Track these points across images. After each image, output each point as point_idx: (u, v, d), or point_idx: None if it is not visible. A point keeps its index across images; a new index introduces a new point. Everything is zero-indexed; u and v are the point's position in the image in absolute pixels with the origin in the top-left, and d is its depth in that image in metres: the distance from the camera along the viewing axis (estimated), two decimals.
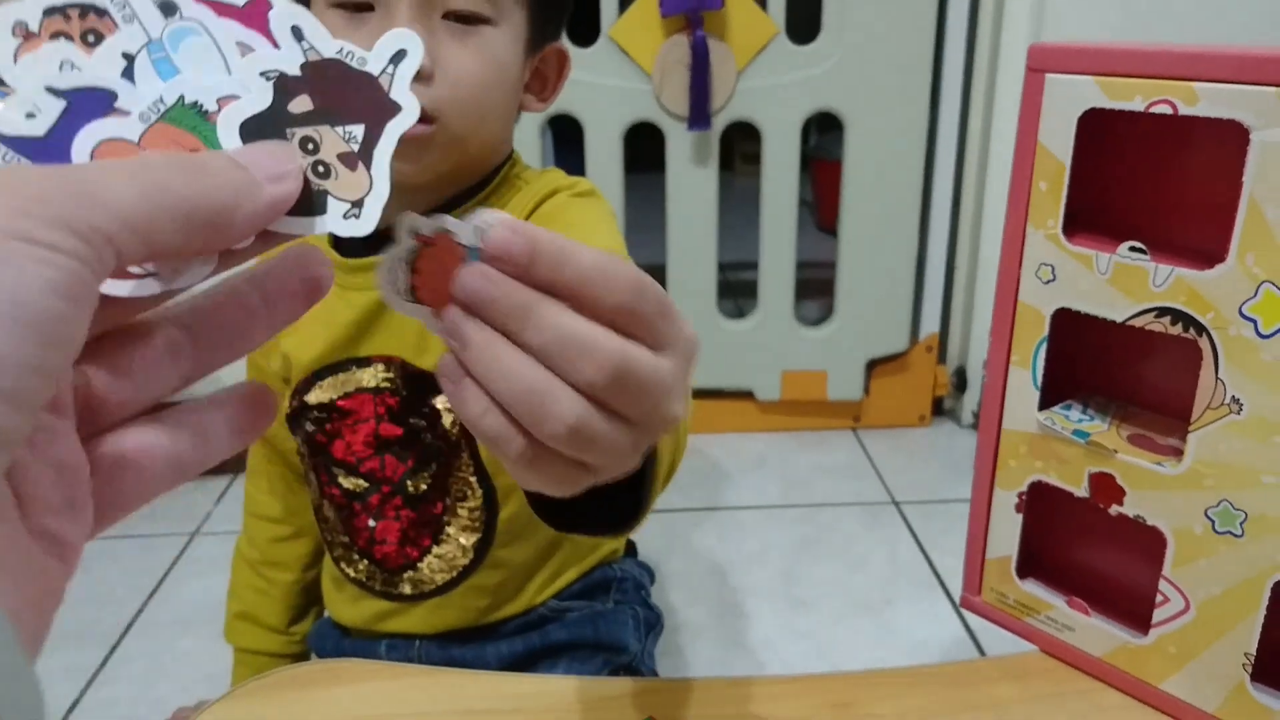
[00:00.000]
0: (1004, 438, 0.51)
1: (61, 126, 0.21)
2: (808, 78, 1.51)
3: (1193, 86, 0.40)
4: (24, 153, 0.21)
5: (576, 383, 0.25)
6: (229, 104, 0.22)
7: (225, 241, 0.22)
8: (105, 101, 0.21)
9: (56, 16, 0.21)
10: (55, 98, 0.21)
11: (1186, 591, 0.46)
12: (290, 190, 0.22)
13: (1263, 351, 0.40)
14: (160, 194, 0.20)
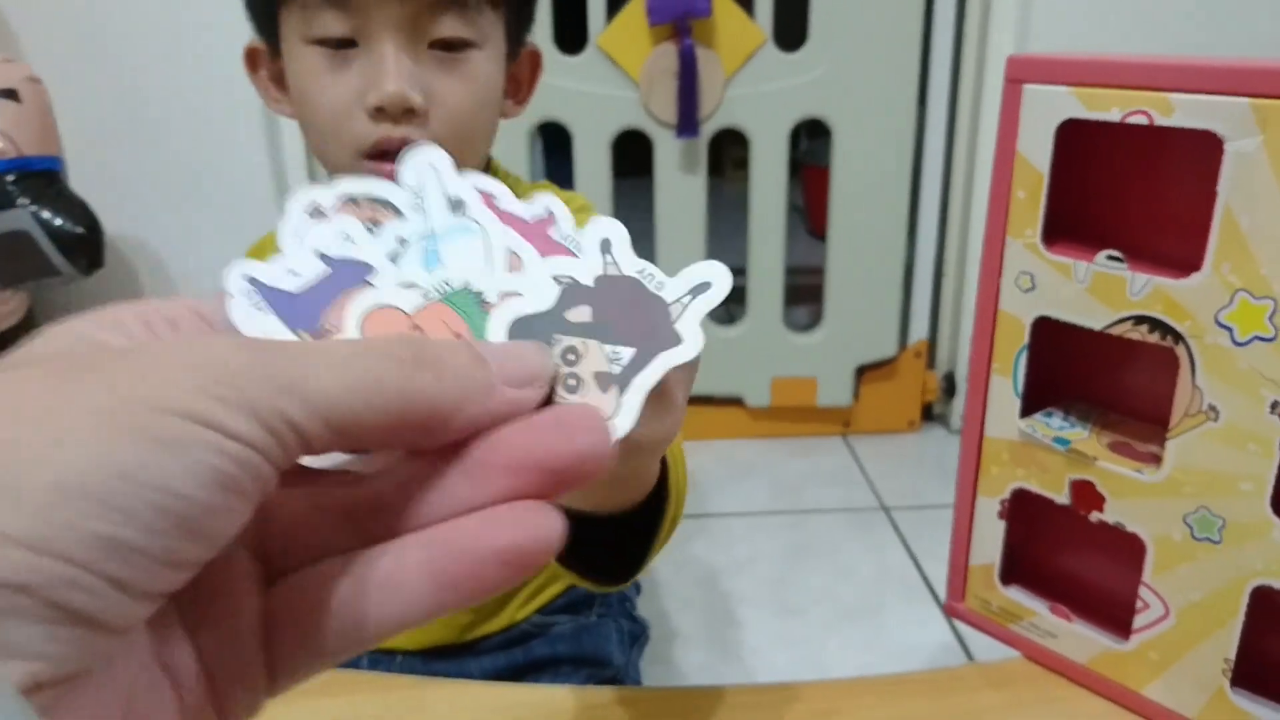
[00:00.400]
0: (986, 445, 0.51)
1: (316, 288, 0.21)
2: (795, 85, 1.51)
3: (1168, 97, 0.40)
4: (274, 304, 0.21)
5: None
6: (509, 299, 0.22)
7: (435, 442, 0.19)
8: (361, 275, 0.22)
9: (349, 203, 0.22)
10: (320, 261, 0.21)
11: (1166, 598, 0.46)
12: (532, 399, 0.20)
13: (1238, 359, 0.41)
14: (370, 389, 0.18)
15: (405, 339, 0.19)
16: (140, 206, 1.53)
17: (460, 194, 0.23)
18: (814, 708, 0.52)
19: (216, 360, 0.16)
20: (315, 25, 0.63)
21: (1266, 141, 0.38)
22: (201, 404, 0.16)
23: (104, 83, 1.46)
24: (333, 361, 0.17)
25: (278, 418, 0.16)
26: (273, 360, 0.17)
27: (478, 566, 0.19)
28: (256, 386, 0.16)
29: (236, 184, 1.52)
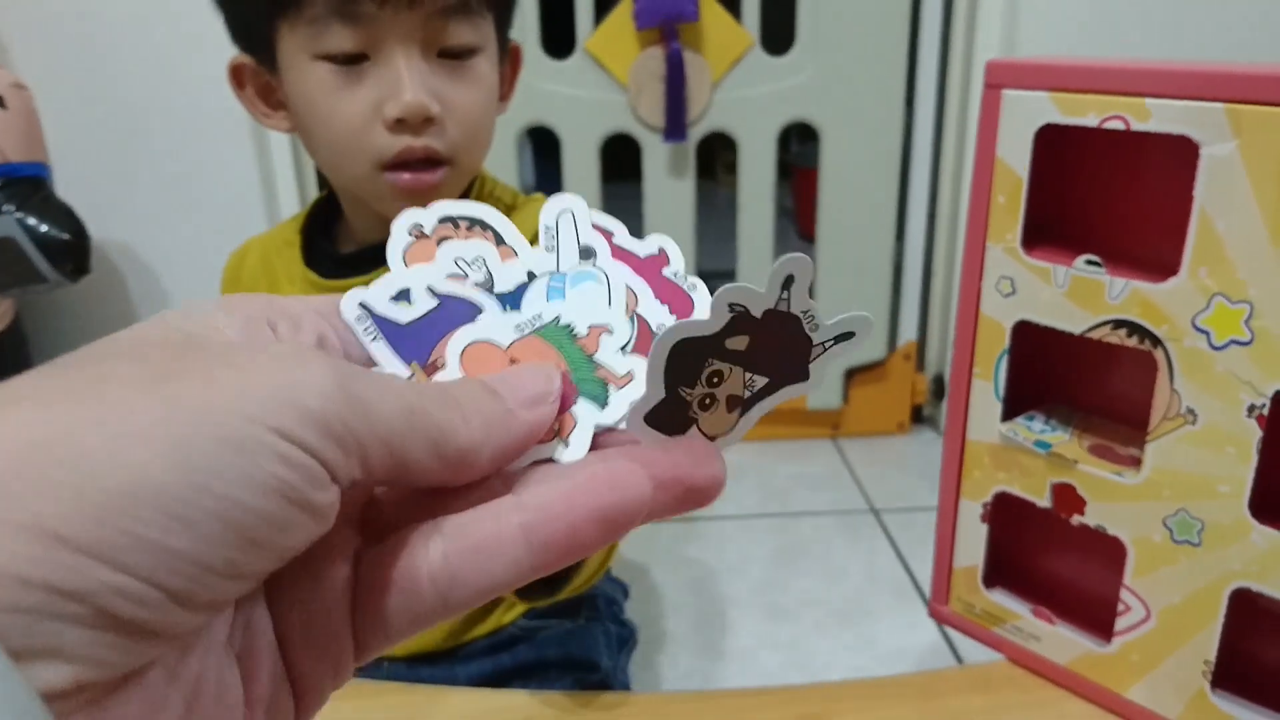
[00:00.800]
0: (968, 449, 0.51)
1: (424, 322, 0.22)
2: (783, 89, 1.52)
3: (1144, 103, 0.41)
4: (385, 332, 0.22)
5: None
6: (599, 331, 0.23)
7: (472, 476, 0.19)
8: (470, 313, 0.22)
9: (448, 224, 0.23)
10: (431, 296, 0.22)
11: (1147, 600, 0.46)
12: (547, 415, 0.20)
13: (1216, 363, 0.41)
14: (421, 417, 0.18)
15: (448, 384, 0.20)
16: (127, 213, 1.52)
17: (592, 242, 0.24)
18: (801, 711, 0.52)
19: (299, 372, 0.16)
20: (324, 41, 0.62)
21: (1241, 146, 0.39)
22: (277, 412, 0.16)
23: (90, 89, 1.46)
24: (392, 391, 0.18)
25: (347, 433, 0.17)
26: (347, 379, 0.17)
27: (576, 527, 0.19)
28: (331, 403, 0.16)
29: (224, 190, 1.52)
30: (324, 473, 0.16)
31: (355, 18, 0.61)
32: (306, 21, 0.63)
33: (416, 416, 0.18)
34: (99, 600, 0.14)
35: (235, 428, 0.15)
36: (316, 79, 0.64)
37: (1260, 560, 0.42)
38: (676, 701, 0.56)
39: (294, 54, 0.65)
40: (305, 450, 0.16)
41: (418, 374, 0.22)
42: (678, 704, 0.55)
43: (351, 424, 0.17)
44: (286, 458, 0.16)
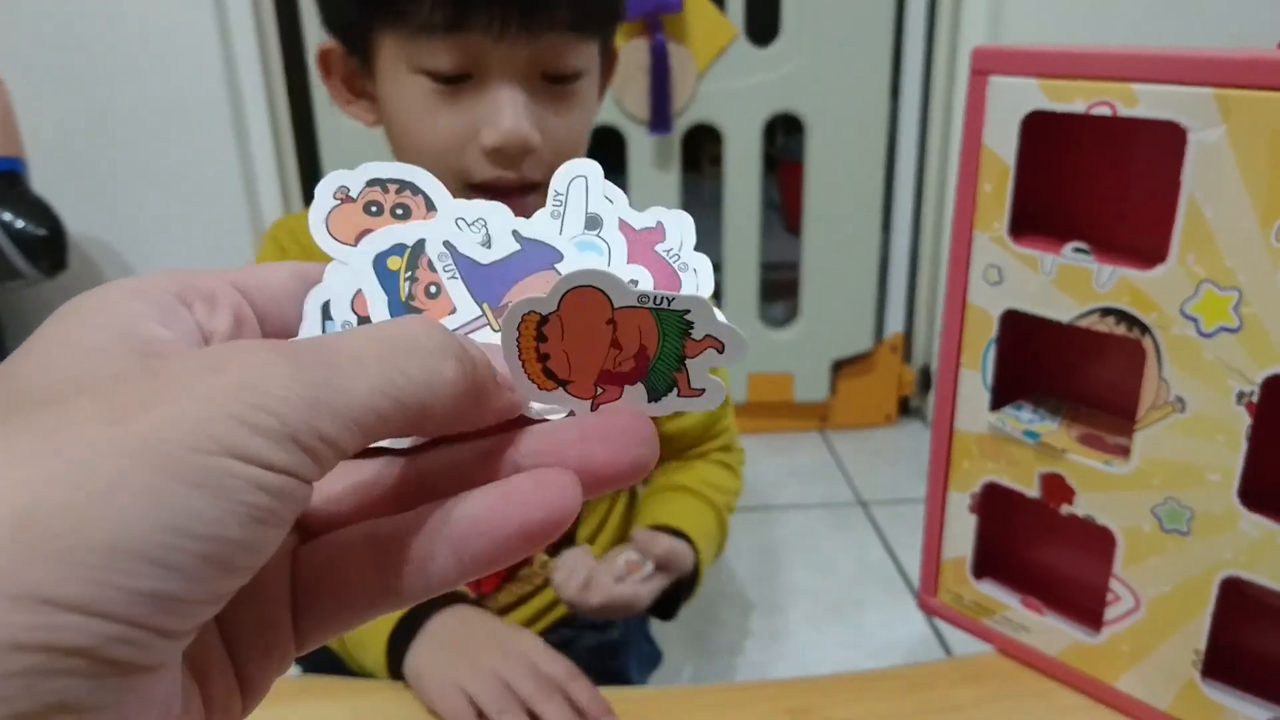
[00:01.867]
0: (956, 439, 0.51)
1: (505, 264, 0.22)
2: (768, 80, 1.51)
3: (1131, 88, 0.40)
4: (463, 268, 0.22)
5: None
6: None
7: (463, 428, 0.20)
8: (550, 259, 0.22)
9: (375, 187, 0.23)
10: (515, 240, 0.22)
11: (1137, 590, 0.46)
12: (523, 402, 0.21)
13: (1204, 350, 0.41)
14: (400, 385, 0.17)
15: (434, 327, 0.19)
16: (105, 208, 1.50)
17: (600, 212, 0.23)
18: (791, 705, 0.51)
19: (256, 382, 0.16)
20: (426, 57, 0.60)
21: (1230, 132, 0.38)
22: (242, 439, 0.15)
23: (67, 82, 1.44)
24: (363, 366, 0.17)
25: (315, 437, 0.16)
26: (310, 373, 0.17)
27: (501, 543, 0.19)
28: (294, 410, 0.16)
29: (204, 185, 1.50)
30: (298, 486, 0.16)
31: (463, 38, 0.59)
32: (410, 34, 0.60)
33: (394, 388, 0.18)
34: (99, 652, 0.14)
35: (207, 467, 0.15)
36: (413, 92, 0.62)
37: (1250, 549, 0.41)
38: (665, 697, 0.55)
39: (393, 61, 0.63)
40: (278, 471, 0.16)
41: (486, 315, 0.22)
42: (667, 700, 0.54)
43: (321, 426, 0.16)
44: (261, 485, 0.16)
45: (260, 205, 1.52)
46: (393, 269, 0.22)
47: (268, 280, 0.21)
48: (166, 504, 0.15)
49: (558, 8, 0.60)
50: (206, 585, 0.15)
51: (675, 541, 0.69)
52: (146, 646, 0.15)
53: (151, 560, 0.15)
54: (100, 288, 0.19)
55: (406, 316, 0.20)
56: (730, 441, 0.87)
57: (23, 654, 0.14)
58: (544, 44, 0.61)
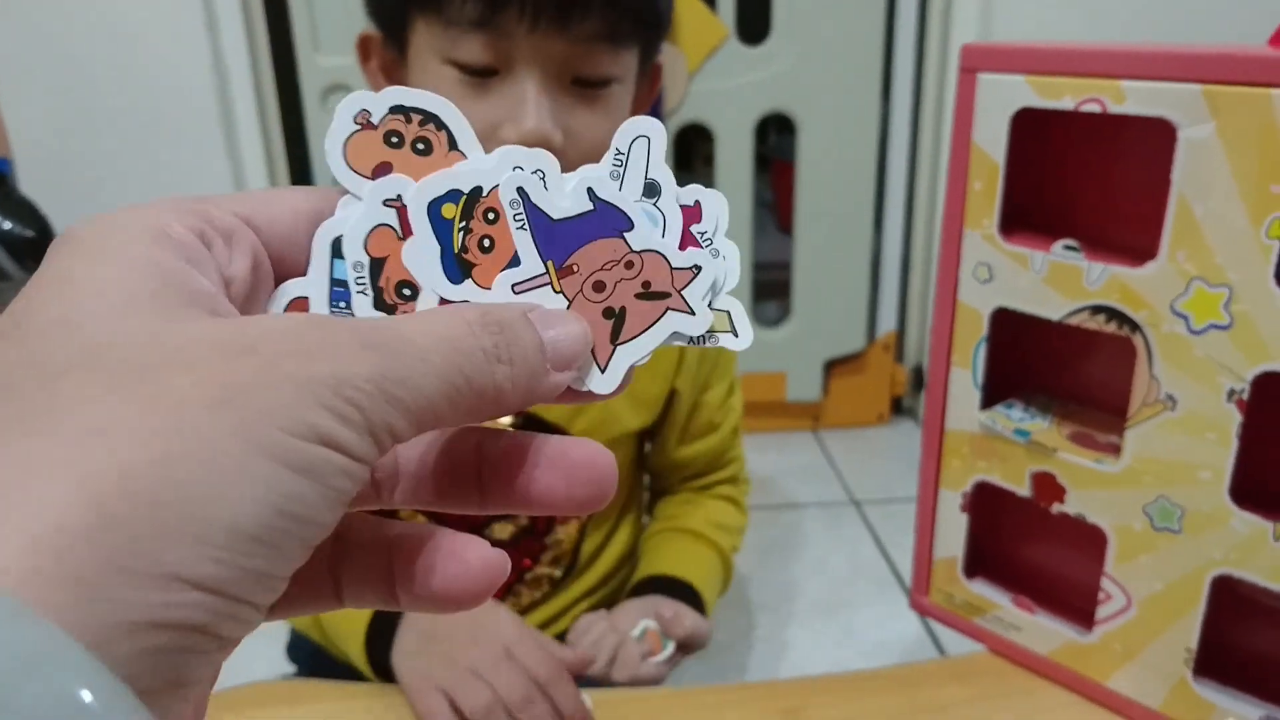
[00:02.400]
0: (947, 438, 0.51)
1: (575, 223, 0.21)
2: (759, 79, 1.51)
3: (1120, 85, 0.40)
4: (533, 220, 0.21)
5: None
6: None
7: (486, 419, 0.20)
8: (621, 225, 0.22)
9: (399, 116, 0.22)
10: (589, 199, 0.21)
11: (1128, 588, 0.46)
12: (574, 379, 0.21)
13: (1195, 348, 0.41)
14: (459, 390, 0.18)
15: (489, 319, 0.19)
16: (93, 209, 1.48)
17: (659, 179, 0.22)
18: (783, 705, 0.51)
19: (343, 373, 0.17)
20: (457, 48, 0.60)
21: (1219, 128, 0.38)
22: (332, 428, 0.16)
23: (55, 82, 1.43)
24: (431, 365, 0.18)
25: (385, 430, 0.17)
26: (389, 369, 0.17)
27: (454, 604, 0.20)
28: (373, 403, 0.17)
29: (193, 186, 1.49)
30: (365, 472, 0.17)
31: (494, 32, 0.59)
32: (443, 24, 0.60)
33: (457, 390, 0.18)
34: (216, 628, 0.15)
35: (307, 453, 0.16)
36: (442, 82, 0.62)
37: (1241, 547, 0.41)
38: (657, 698, 0.55)
39: (425, 50, 0.62)
40: (357, 459, 0.17)
41: (550, 274, 0.21)
42: (658, 700, 0.54)
43: (391, 420, 0.17)
44: (347, 471, 0.16)
45: None
46: (446, 216, 0.21)
47: (278, 214, 0.21)
48: (275, 488, 0.15)
49: (591, 6, 0.59)
50: (294, 563, 0.16)
51: (697, 621, 0.70)
52: (247, 622, 0.16)
53: (262, 541, 0.15)
54: (113, 221, 0.19)
55: (462, 308, 0.20)
56: (738, 472, 0.87)
57: (158, 632, 0.14)
58: (576, 44, 0.60)
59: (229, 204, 0.20)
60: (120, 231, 0.18)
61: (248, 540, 0.15)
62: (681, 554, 0.78)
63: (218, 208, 0.20)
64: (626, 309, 0.21)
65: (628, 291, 0.21)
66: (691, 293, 0.22)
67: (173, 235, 0.19)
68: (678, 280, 0.22)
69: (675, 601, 0.72)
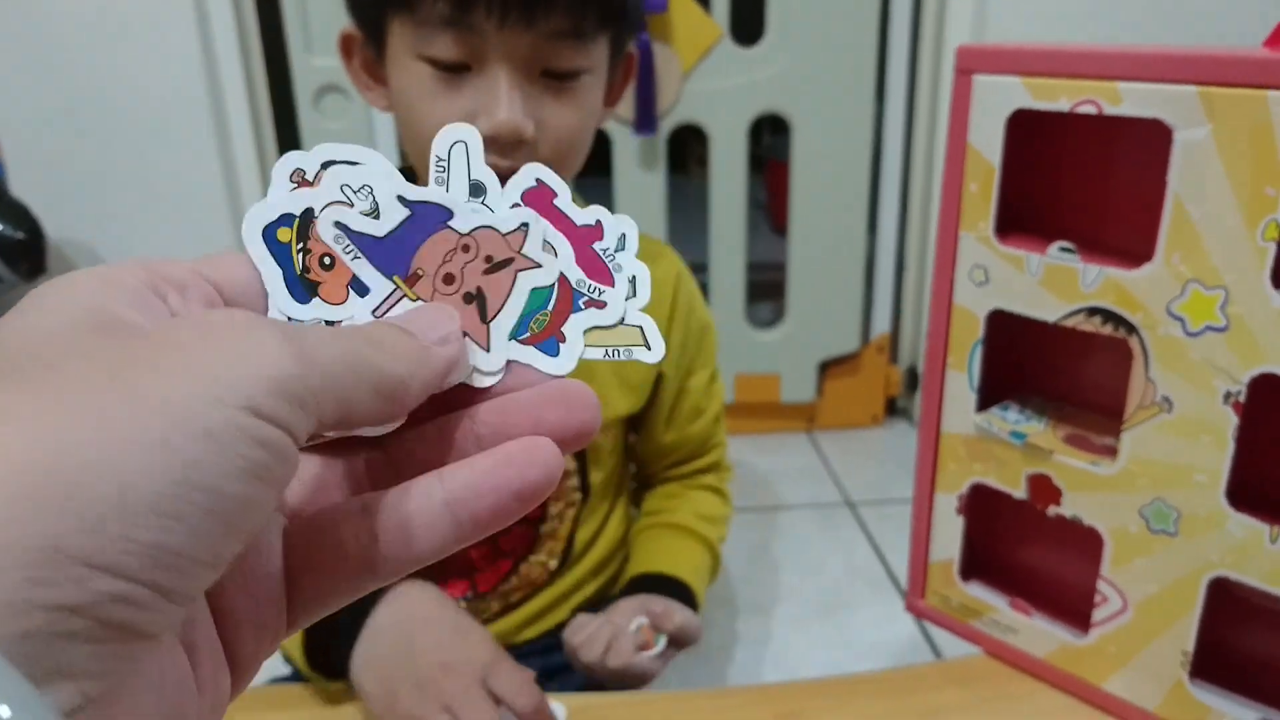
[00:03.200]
0: (943, 440, 0.51)
1: (401, 232, 0.22)
2: (753, 80, 1.51)
3: (1116, 86, 0.40)
4: (365, 249, 0.22)
5: None
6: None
7: (405, 410, 0.20)
8: (441, 218, 0.22)
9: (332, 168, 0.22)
10: (402, 206, 0.22)
11: (1124, 591, 0.46)
12: (457, 350, 0.21)
13: (1191, 350, 0.40)
14: (358, 363, 0.19)
15: (365, 326, 0.20)
16: (84, 210, 1.49)
17: (483, 179, 0.23)
18: (778, 709, 0.51)
19: (249, 342, 0.17)
20: (430, 46, 0.62)
21: (1215, 131, 0.38)
22: (243, 390, 0.16)
23: (46, 83, 1.42)
24: (329, 338, 0.18)
25: (306, 392, 0.17)
26: (295, 338, 0.17)
27: (501, 503, 0.20)
28: (286, 368, 0.17)
29: (185, 187, 1.49)
30: (290, 442, 0.17)
31: (464, 29, 0.60)
32: (416, 23, 0.62)
33: (357, 360, 0.19)
34: (99, 611, 0.14)
35: (205, 416, 0.15)
36: (416, 78, 0.64)
37: (1237, 549, 0.41)
38: (653, 702, 0.55)
39: (400, 48, 0.64)
40: (274, 423, 0.16)
41: (401, 287, 0.22)
42: (654, 704, 0.54)
43: (309, 382, 0.17)
44: (258, 437, 0.16)
45: (242, 207, 1.51)
46: (283, 240, 0.22)
47: (234, 272, 0.21)
48: (174, 454, 0.15)
49: (556, 2, 0.60)
50: (207, 542, 0.15)
51: (688, 617, 0.71)
52: (147, 608, 0.15)
53: (156, 510, 0.15)
54: (68, 275, 0.19)
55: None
56: (721, 458, 0.89)
57: (31, 613, 0.13)
58: (543, 39, 0.61)
59: (186, 262, 0.21)
60: (76, 283, 0.19)
61: (139, 510, 0.14)
62: (671, 550, 0.79)
63: (173, 266, 0.21)
64: (481, 287, 0.22)
65: (476, 271, 0.22)
66: (530, 248, 0.23)
67: (122, 285, 0.19)
68: (513, 243, 0.23)
69: (665, 598, 0.72)
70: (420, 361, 0.20)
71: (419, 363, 0.20)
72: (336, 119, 1.49)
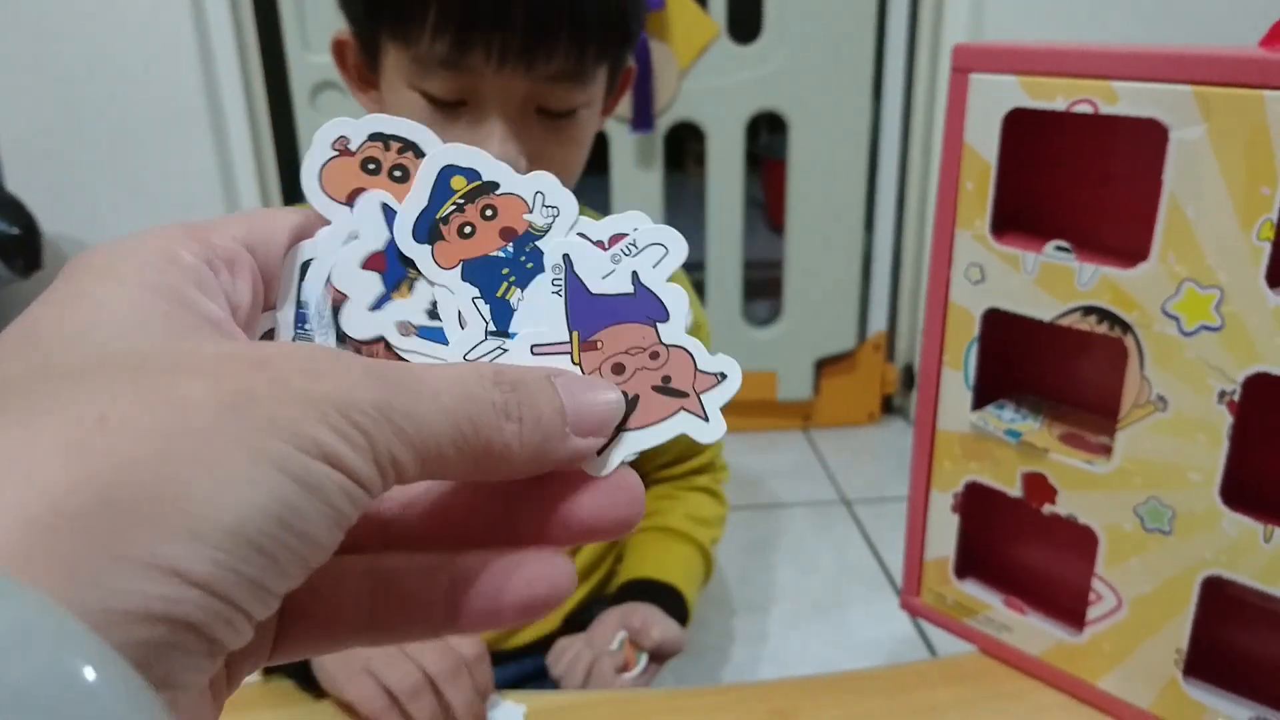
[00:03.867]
0: (939, 439, 0.51)
1: (609, 301, 0.21)
2: (750, 78, 1.51)
3: (1112, 85, 0.40)
4: (571, 287, 0.21)
5: None
6: None
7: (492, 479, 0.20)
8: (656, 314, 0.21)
9: (377, 142, 0.22)
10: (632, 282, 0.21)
11: (1119, 589, 0.46)
12: (598, 445, 0.20)
13: (1186, 349, 0.41)
14: (465, 436, 0.18)
15: (502, 378, 0.19)
16: (81, 206, 1.48)
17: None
18: (773, 707, 0.51)
19: (349, 396, 0.16)
20: (426, 81, 0.61)
21: (1210, 130, 0.38)
22: (337, 445, 0.16)
23: (42, 80, 1.42)
24: (440, 404, 0.17)
25: (389, 460, 0.17)
26: (397, 399, 0.17)
27: (499, 610, 0.19)
28: (379, 429, 0.16)
29: (182, 183, 1.49)
30: (365, 499, 0.17)
31: (461, 70, 0.60)
32: (412, 57, 0.61)
33: (464, 436, 0.18)
34: (208, 629, 0.15)
35: (310, 468, 0.16)
36: (410, 106, 0.63)
37: (1231, 548, 0.41)
38: (647, 700, 0.55)
39: (394, 73, 0.63)
40: (358, 481, 0.16)
41: (574, 344, 0.21)
42: (649, 702, 0.54)
43: (395, 450, 0.17)
44: (347, 492, 0.16)
45: (239, 203, 1.50)
46: (454, 187, 0.21)
47: (273, 236, 0.21)
48: (277, 497, 0.15)
49: (556, 45, 0.60)
50: (288, 579, 0.16)
51: (667, 630, 0.71)
52: (239, 630, 0.15)
53: (260, 549, 0.15)
54: (125, 246, 0.19)
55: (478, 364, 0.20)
56: (715, 458, 0.88)
57: (150, 624, 0.14)
58: (541, 81, 0.61)
59: (229, 228, 0.20)
60: (132, 256, 0.18)
61: (245, 545, 0.15)
62: (661, 555, 0.79)
63: (220, 235, 0.20)
64: (640, 397, 0.21)
65: (646, 381, 0.21)
66: (711, 399, 0.21)
67: (183, 261, 0.19)
68: (700, 383, 0.21)
69: (646, 607, 0.72)
70: (548, 451, 0.19)
71: (545, 452, 0.19)
72: (333, 116, 1.48)
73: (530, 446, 0.19)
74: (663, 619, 0.71)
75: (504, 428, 0.18)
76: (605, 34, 0.63)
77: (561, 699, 0.54)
